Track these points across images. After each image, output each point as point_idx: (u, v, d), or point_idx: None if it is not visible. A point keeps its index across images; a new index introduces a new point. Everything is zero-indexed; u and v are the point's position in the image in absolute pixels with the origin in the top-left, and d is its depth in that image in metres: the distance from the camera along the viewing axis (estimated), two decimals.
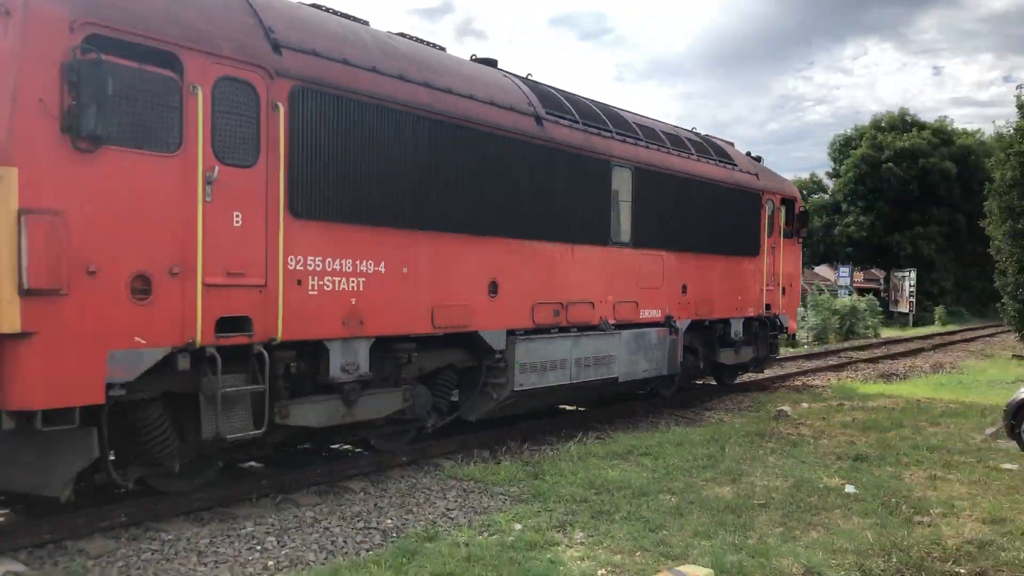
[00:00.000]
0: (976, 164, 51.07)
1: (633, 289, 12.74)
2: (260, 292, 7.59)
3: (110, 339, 6.52)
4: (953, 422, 13.33)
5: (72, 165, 6.32)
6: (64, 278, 6.20)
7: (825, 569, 6.37)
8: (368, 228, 8.67)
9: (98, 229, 6.46)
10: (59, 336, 6.21)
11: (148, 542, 6.90)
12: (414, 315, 9.21)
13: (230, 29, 7.49)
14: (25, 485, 6.71)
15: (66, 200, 6.27)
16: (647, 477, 9.00)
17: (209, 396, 7.24)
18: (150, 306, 6.80)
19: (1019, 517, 7.85)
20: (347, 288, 8.47)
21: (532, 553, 6.58)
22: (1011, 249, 21.31)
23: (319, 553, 6.82)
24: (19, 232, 5.98)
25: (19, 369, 6.06)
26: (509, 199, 10.42)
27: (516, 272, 10.59)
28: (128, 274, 6.66)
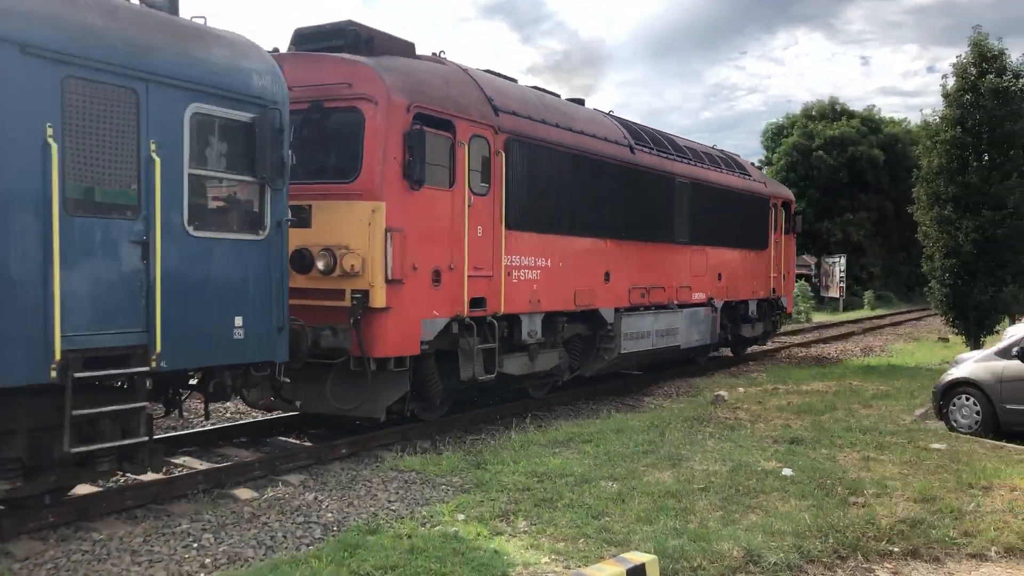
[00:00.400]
0: (903, 152, 52.53)
1: (688, 277, 16.44)
2: (489, 281, 11.05)
3: (422, 312, 9.92)
4: (884, 404, 13.67)
5: (408, 199, 9.72)
6: (405, 272, 9.58)
7: (764, 551, 6.46)
8: (542, 235, 12.13)
9: (418, 240, 9.81)
10: (401, 310, 9.58)
11: (78, 543, 6.68)
12: (566, 297, 12.71)
13: (474, 101, 10.98)
14: (359, 410, 9.81)
15: (405, 221, 9.64)
16: (589, 464, 9.02)
17: (467, 351, 10.59)
18: (440, 290, 10.20)
19: (948, 496, 8.08)
20: (531, 277, 11.90)
21: (475, 543, 6.54)
22: (938, 235, 21.87)
23: (258, 549, 6.68)
24: (386, 243, 9.37)
25: (383, 331, 9.45)
26: (615, 209, 13.97)
27: (620, 264, 14.09)
28: (431, 269, 10.04)
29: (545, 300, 12.15)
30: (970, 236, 20.92)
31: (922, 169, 22.61)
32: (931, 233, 22.13)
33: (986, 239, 20.94)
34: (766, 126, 61.52)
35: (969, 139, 21.46)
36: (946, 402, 11.87)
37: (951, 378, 11.95)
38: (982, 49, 21.69)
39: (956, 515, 7.52)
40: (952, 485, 8.46)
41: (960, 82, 21.83)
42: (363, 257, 9.36)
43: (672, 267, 15.85)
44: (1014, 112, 21.36)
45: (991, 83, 21.32)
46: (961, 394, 11.70)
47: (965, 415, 11.60)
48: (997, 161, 21.39)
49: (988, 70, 21.64)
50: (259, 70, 8.04)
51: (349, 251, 9.37)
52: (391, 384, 9.84)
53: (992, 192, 20.94)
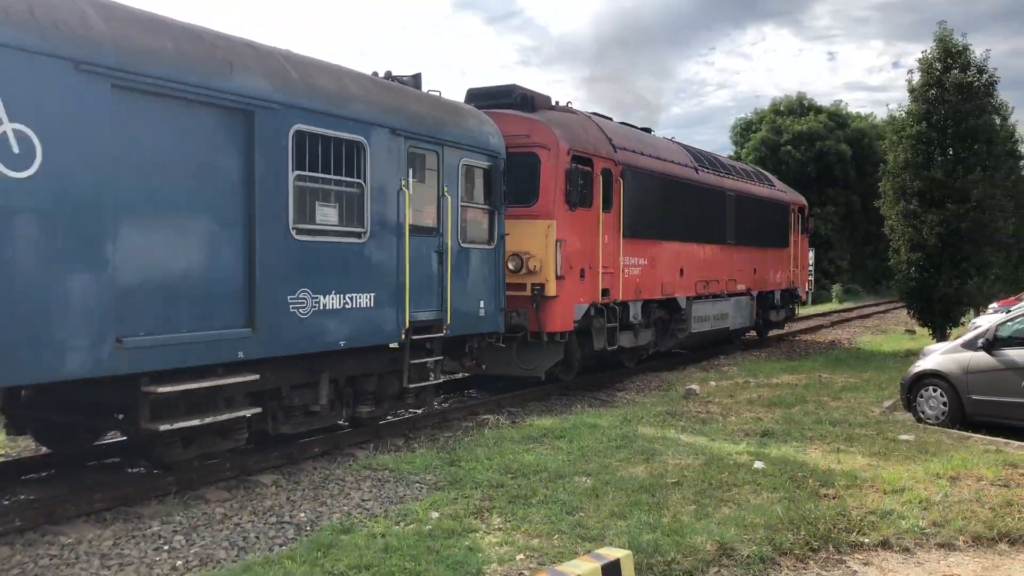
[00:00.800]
0: (869, 146, 53.08)
1: (734, 271, 20.23)
2: (612, 276, 14.80)
3: (575, 300, 13.65)
4: (853, 396, 13.83)
5: (568, 217, 13.49)
6: (566, 271, 13.29)
7: (738, 544, 6.51)
8: (643, 240, 15.93)
9: (573, 247, 13.59)
10: (564, 298, 13.31)
11: (46, 547, 6.57)
12: (656, 288, 16.51)
13: (601, 142, 14.83)
14: (534, 371, 13.60)
15: (567, 234, 13.44)
16: (562, 460, 9.04)
17: (598, 329, 14.37)
18: (584, 284, 13.91)
19: (917, 486, 8.18)
20: (636, 273, 15.68)
21: (450, 541, 6.53)
22: (903, 228, 22.15)
23: (230, 550, 6.61)
24: (556, 250, 13.14)
25: (553, 313, 13.17)
26: (686, 218, 17.71)
27: (689, 261, 17.87)
28: (580, 268, 13.78)
29: (644, 291, 16.00)
30: (935, 230, 21.21)
31: (888, 163, 22.90)
32: (897, 227, 22.42)
33: (950, 232, 21.25)
34: (735, 121, 62.02)
35: (934, 134, 21.76)
36: (914, 394, 12.03)
37: (918, 370, 12.11)
38: (947, 45, 21.99)
39: (925, 505, 7.62)
40: (921, 476, 8.57)
41: (925, 77, 22.13)
42: (541, 260, 13.22)
43: (723, 263, 19.71)
44: (978, 107, 21.70)
45: (955, 78, 21.64)
46: (928, 386, 11.86)
47: (932, 406, 11.76)
48: (961, 156, 21.70)
49: (952, 66, 21.95)
50: (491, 132, 11.88)
51: (531, 256, 13.23)
52: (554, 352, 13.64)
53: (956, 186, 21.25)
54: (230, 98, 7.91)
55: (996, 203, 21.83)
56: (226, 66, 7.95)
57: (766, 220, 22.47)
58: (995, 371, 11.21)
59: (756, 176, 23.05)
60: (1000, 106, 24.16)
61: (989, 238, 21.85)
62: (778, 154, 54.08)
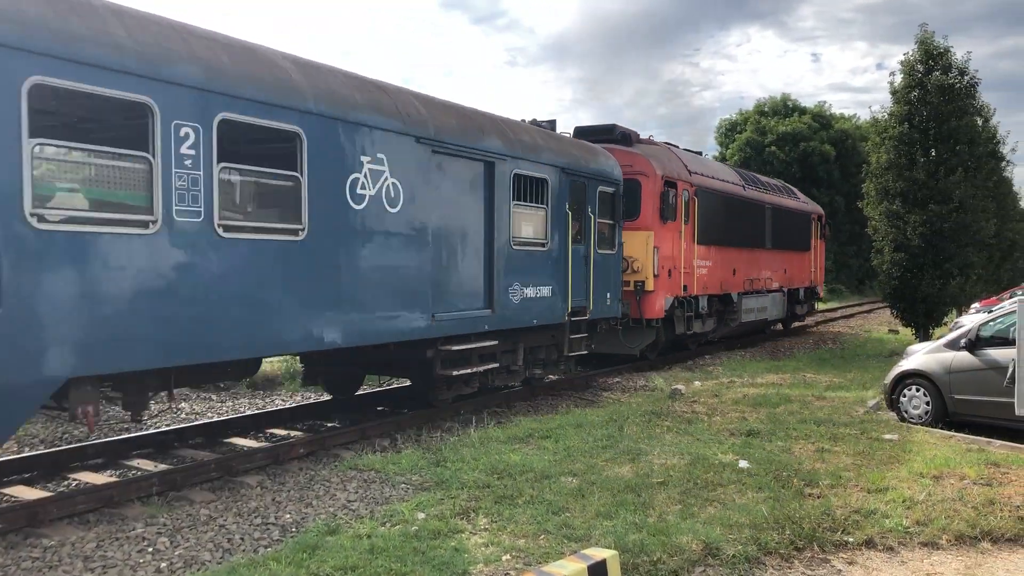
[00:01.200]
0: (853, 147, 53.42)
1: (770, 271, 23.96)
2: (688, 275, 18.33)
3: (665, 293, 17.41)
4: (837, 396, 13.90)
5: (661, 229, 17.38)
6: (659, 271, 17.09)
7: (723, 544, 6.53)
8: (709, 247, 19.67)
9: (664, 252, 17.48)
10: (658, 292, 17.21)
11: (28, 549, 6.52)
12: (717, 285, 20.23)
13: (681, 168, 18.60)
14: (633, 349, 17.46)
15: (660, 243, 17.36)
16: (548, 460, 9.04)
17: (679, 317, 18.09)
18: (671, 281, 17.51)
19: (900, 485, 8.24)
20: (704, 273, 19.35)
21: (436, 542, 6.52)
22: (887, 228, 22.28)
23: (215, 552, 6.58)
24: (654, 255, 17.06)
25: (650, 303, 17.08)
26: (737, 228, 21.51)
27: (740, 263, 21.62)
28: (668, 269, 17.46)
29: (709, 287, 19.74)
30: (918, 230, 21.36)
31: (871, 164, 23.04)
32: (880, 227, 22.56)
33: (933, 233, 21.40)
34: (720, 122, 62.26)
35: (916, 135, 21.91)
36: (897, 394, 12.11)
37: (902, 370, 12.19)
38: (928, 47, 22.14)
39: (908, 504, 7.67)
40: (904, 475, 8.63)
41: (907, 79, 22.28)
42: (642, 262, 17.22)
43: (763, 265, 23.41)
44: (959, 108, 21.86)
45: (937, 80, 21.79)
46: (911, 385, 11.94)
47: (916, 406, 11.84)
48: (943, 156, 21.86)
49: (934, 67, 22.11)
50: (614, 165, 15.60)
51: (635, 259, 17.13)
52: (649, 334, 17.67)
53: (939, 187, 21.41)
54: (481, 154, 11.64)
55: (978, 204, 22.01)
56: (480, 132, 11.75)
57: (793, 228, 26.29)
58: (977, 371, 11.30)
59: (785, 190, 27.32)
60: (982, 107, 24.34)
61: (971, 238, 22.02)
62: (763, 155, 54.33)
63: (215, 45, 8.13)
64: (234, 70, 8.11)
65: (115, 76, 6.96)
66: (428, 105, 10.98)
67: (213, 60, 7.93)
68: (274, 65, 8.75)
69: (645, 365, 17.97)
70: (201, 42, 7.98)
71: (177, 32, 7.81)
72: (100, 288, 6.92)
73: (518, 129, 13.02)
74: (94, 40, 6.84)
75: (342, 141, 9.30)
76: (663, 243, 17.48)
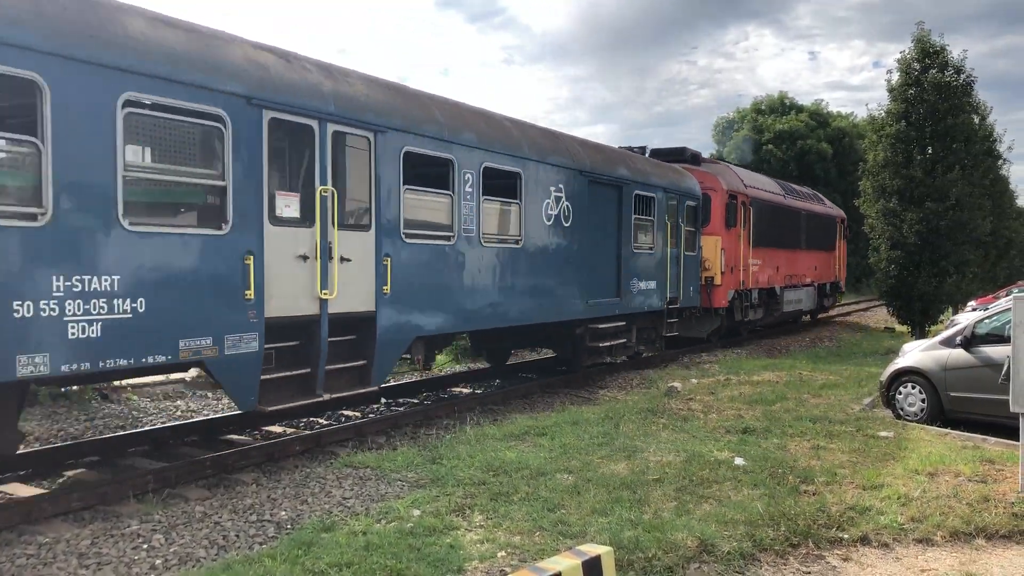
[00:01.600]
0: (850, 145, 53.43)
1: (805, 268, 27.45)
2: (745, 272, 21.90)
3: (728, 287, 21.14)
4: (833, 394, 13.90)
5: (726, 234, 21.03)
6: (725, 268, 20.80)
7: (718, 540, 6.53)
8: (759, 248, 22.76)
9: (729, 253, 21.11)
10: (724, 286, 20.80)
11: (23, 547, 6.51)
12: (765, 280, 23.46)
13: (738, 183, 22.09)
14: (697, 332, 20.88)
15: (726, 245, 20.98)
16: (544, 457, 9.04)
17: (738, 306, 21.74)
18: (732, 276, 21.26)
19: (895, 482, 8.25)
20: (756, 270, 22.53)
21: (431, 539, 6.52)
22: (883, 227, 22.33)
23: (210, 549, 6.57)
24: (721, 255, 20.72)
25: (718, 295, 20.73)
26: (780, 232, 24.79)
27: (781, 261, 24.95)
28: (730, 267, 21.14)
29: (759, 282, 23.17)
30: (914, 228, 21.39)
31: (868, 162, 23.06)
32: (877, 225, 22.60)
33: (930, 231, 21.44)
34: (717, 120, 62.28)
35: (913, 133, 21.95)
36: (893, 391, 12.13)
37: (897, 367, 12.20)
38: (925, 45, 22.17)
39: (903, 501, 7.68)
40: (899, 472, 8.65)
41: (904, 77, 22.31)
42: (712, 261, 20.42)
43: (799, 263, 26.86)
44: (956, 106, 21.90)
45: (934, 78, 21.83)
46: (907, 383, 11.96)
47: (911, 403, 11.86)
48: (940, 154, 21.90)
49: (931, 65, 22.14)
50: (696, 183, 19.19)
51: (707, 259, 20.32)
52: (715, 320, 21.24)
53: (935, 184, 21.44)
54: (615, 180, 15.51)
55: (974, 201, 22.06)
56: (614, 164, 15.77)
57: (822, 230, 29.75)
58: (973, 368, 11.31)
59: (815, 197, 31.06)
60: (978, 105, 24.38)
61: (968, 236, 22.06)
62: (760, 153, 54.31)
63: (478, 117, 12.32)
64: (489, 133, 12.17)
65: (437, 143, 10.95)
66: (583, 146, 15.29)
67: (478, 128, 11.94)
68: (505, 127, 12.89)
69: (643, 363, 18.02)
70: (472, 116, 12.15)
71: (460, 111, 11.94)
72: (432, 277, 10.94)
73: (636, 160, 17.30)
74: (432, 122, 10.95)
75: (540, 176, 13.28)
76: (728, 246, 20.97)
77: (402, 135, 10.26)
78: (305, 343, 9.13)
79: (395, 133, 10.15)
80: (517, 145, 12.69)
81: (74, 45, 6.77)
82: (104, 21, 7.11)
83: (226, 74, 8.06)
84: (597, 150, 15.63)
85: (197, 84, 7.74)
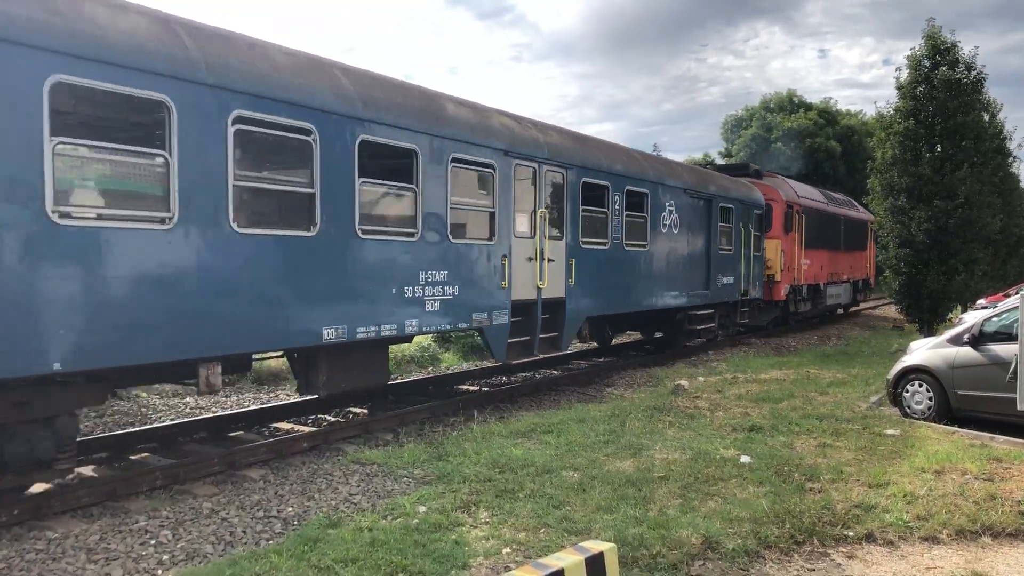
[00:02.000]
0: (859, 143, 53.17)
1: (843, 267, 30.99)
2: (798, 270, 25.36)
3: (785, 283, 24.70)
4: (840, 392, 13.88)
5: (785, 238, 24.43)
6: (784, 268, 24.17)
7: (723, 538, 6.54)
8: (808, 250, 26.23)
9: (786, 255, 24.54)
10: (782, 282, 24.43)
11: (32, 541, 6.57)
12: (812, 277, 27.11)
13: (792, 193, 25.49)
14: (758, 321, 23.95)
15: (784, 248, 24.35)
16: (550, 454, 9.06)
17: (792, 299, 26.12)
18: (788, 273, 24.71)
19: (901, 480, 8.24)
20: (806, 269, 26.15)
21: (437, 535, 6.55)
22: (892, 225, 22.26)
23: (217, 545, 6.62)
24: (780, 256, 24.12)
25: (778, 290, 24.26)
26: (823, 235, 27.92)
27: (825, 261, 28.09)
28: (788, 265, 24.53)
29: (808, 279, 26.30)
30: (923, 226, 21.31)
31: (876, 160, 22.98)
32: (885, 223, 22.52)
33: (939, 229, 21.35)
34: (725, 118, 62.04)
35: (922, 130, 21.85)
36: (900, 389, 12.10)
37: (905, 365, 12.17)
38: (935, 42, 22.07)
39: (909, 499, 7.67)
40: (905, 470, 8.63)
41: (914, 74, 22.21)
42: (773, 261, 23.52)
43: (839, 262, 30.30)
44: (966, 104, 21.78)
45: (944, 75, 21.71)
46: (914, 381, 11.93)
47: (918, 401, 11.83)
48: (949, 152, 21.80)
49: (941, 62, 22.03)
50: (760, 196, 22.59)
51: (769, 259, 23.37)
52: (774, 311, 24.62)
53: (944, 182, 21.35)
54: (707, 195, 19.10)
55: (984, 199, 21.95)
56: (706, 182, 19.40)
57: (856, 233, 32.95)
58: (980, 366, 11.28)
59: (849, 203, 34.02)
60: (989, 103, 24.28)
61: (977, 234, 21.96)
62: (769, 151, 54.12)
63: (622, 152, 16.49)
64: (629, 164, 16.08)
65: (600, 174, 14.84)
66: (687, 170, 19.57)
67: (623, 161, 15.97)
68: (637, 158, 16.78)
69: (650, 361, 18.02)
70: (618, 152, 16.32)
71: (613, 150, 16.26)
72: (596, 274, 14.68)
73: (719, 178, 21.02)
74: (598, 159, 14.95)
75: (660, 194, 16.98)
76: (786, 248, 24.31)
77: (581, 170, 14.14)
78: (527, 318, 12.91)
79: (576, 169, 14.00)
80: (644, 172, 16.58)
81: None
82: (474, 116, 11.89)
83: (495, 137, 12.01)
84: (695, 172, 19.86)
85: (482, 144, 11.68)
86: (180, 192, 7.59)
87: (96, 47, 6.96)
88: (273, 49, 9.05)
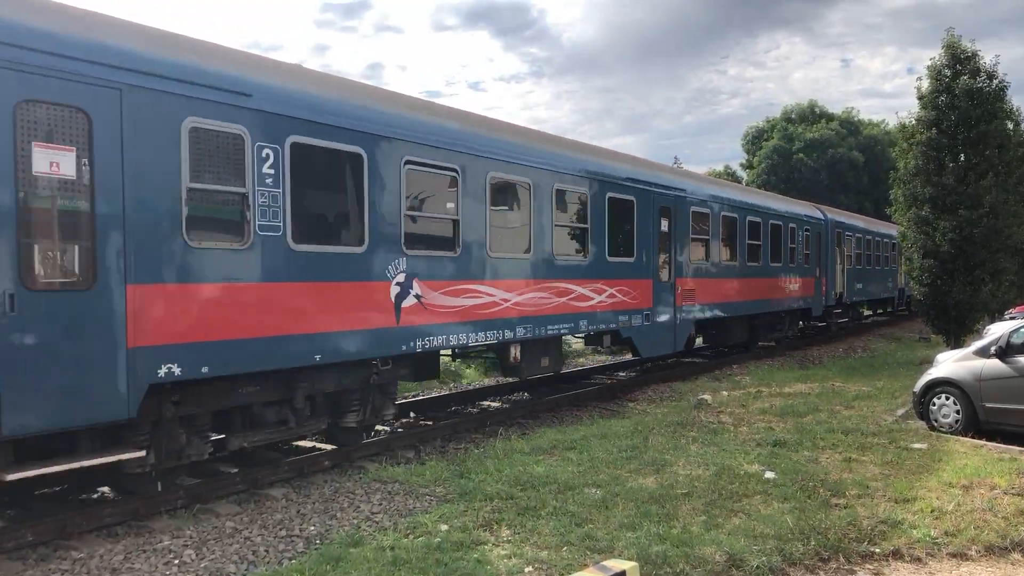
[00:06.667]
0: (882, 153, 52.84)
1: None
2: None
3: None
4: (866, 405, 13.74)
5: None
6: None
7: (747, 555, 6.48)
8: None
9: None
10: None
11: (58, 562, 6.62)
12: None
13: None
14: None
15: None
16: (572, 471, 9.02)
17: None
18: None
19: (928, 495, 8.13)
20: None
21: (459, 553, 6.53)
22: (915, 235, 22.04)
23: (239, 564, 6.64)
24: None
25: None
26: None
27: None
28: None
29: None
30: (947, 236, 21.06)
31: (899, 170, 22.76)
32: (909, 234, 22.27)
33: (963, 239, 21.09)
34: (747, 129, 61.83)
35: (945, 140, 21.61)
36: (927, 402, 11.96)
37: (931, 378, 12.03)
38: (955, 51, 21.87)
39: (937, 514, 7.57)
40: (933, 484, 8.52)
41: (935, 84, 21.99)
42: None
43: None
44: (988, 112, 21.53)
45: (965, 84, 21.49)
46: (941, 393, 11.78)
47: (945, 414, 11.68)
48: (972, 161, 21.53)
49: (962, 71, 21.81)
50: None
51: None
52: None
53: (968, 192, 21.09)
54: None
55: (1009, 208, 21.66)
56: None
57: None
58: (1009, 378, 11.13)
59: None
60: (1012, 111, 24.01)
61: (1003, 244, 21.66)
62: (790, 162, 53.92)
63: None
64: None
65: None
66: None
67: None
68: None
69: (673, 375, 17.93)
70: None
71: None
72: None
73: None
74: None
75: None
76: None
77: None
78: None
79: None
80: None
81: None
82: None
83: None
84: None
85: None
86: None
87: None
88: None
